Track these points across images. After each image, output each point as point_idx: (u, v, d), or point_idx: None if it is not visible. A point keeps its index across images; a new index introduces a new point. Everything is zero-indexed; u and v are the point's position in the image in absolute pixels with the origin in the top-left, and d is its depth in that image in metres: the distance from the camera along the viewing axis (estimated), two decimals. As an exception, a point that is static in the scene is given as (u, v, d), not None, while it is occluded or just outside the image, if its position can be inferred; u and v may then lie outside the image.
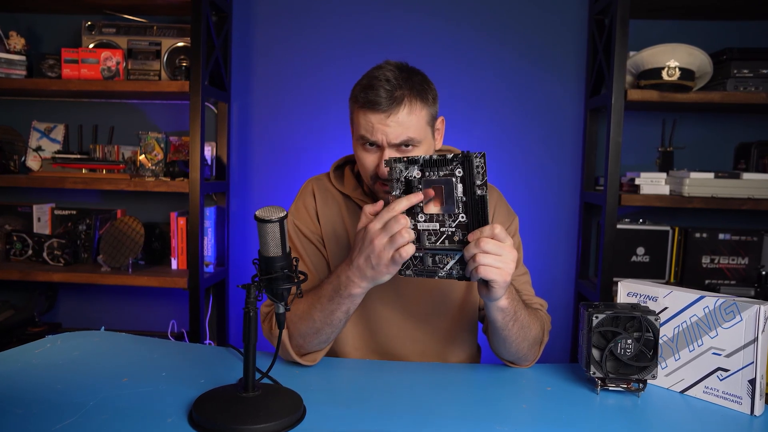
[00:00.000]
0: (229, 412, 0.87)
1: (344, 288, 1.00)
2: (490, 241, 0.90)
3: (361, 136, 1.09)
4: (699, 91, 2.05)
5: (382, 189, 1.11)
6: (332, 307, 1.03)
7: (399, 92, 1.05)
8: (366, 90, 1.06)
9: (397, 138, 1.06)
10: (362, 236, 0.96)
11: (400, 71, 1.08)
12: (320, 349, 1.11)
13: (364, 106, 1.07)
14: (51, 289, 2.47)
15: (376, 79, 1.06)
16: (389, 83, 1.05)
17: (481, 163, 0.90)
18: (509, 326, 1.04)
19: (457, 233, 0.94)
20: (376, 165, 1.09)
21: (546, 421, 0.94)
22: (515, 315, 1.03)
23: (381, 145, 1.07)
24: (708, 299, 1.02)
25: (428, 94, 1.10)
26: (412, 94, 1.07)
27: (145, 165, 2.20)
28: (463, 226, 0.94)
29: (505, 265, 0.91)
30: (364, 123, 1.08)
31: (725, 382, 1.00)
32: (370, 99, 1.05)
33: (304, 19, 2.37)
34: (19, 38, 2.22)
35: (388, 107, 1.05)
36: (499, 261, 0.90)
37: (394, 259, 0.93)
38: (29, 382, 1.00)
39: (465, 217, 0.93)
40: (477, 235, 0.91)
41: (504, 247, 0.91)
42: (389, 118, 1.05)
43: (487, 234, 0.90)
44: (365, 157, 1.11)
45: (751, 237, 2.14)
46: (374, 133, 1.07)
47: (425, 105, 1.09)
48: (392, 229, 0.93)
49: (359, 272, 0.98)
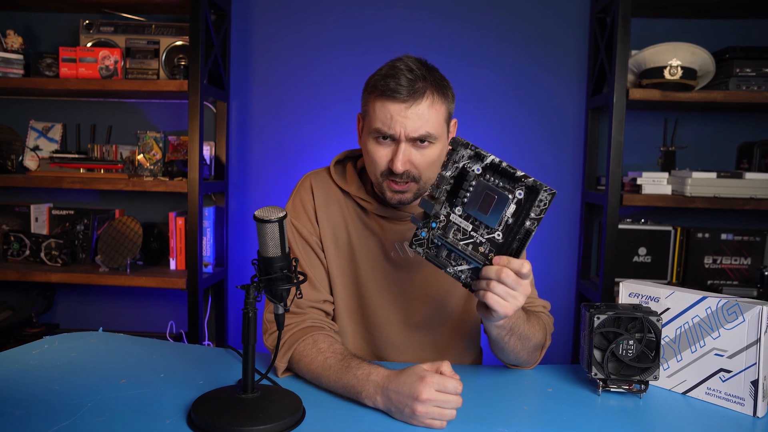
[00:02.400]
0: (228, 414, 0.86)
1: (360, 395, 0.95)
2: (512, 275, 0.88)
3: (376, 129, 1.05)
4: (701, 90, 2.05)
5: (392, 186, 1.07)
6: (338, 390, 0.99)
7: (421, 83, 1.02)
8: (386, 78, 1.02)
9: (415, 131, 1.03)
10: (415, 382, 0.89)
11: (421, 63, 1.06)
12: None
13: (384, 95, 1.02)
14: (48, 289, 2.46)
15: (397, 68, 1.03)
16: (411, 72, 1.02)
17: (546, 199, 0.87)
18: (506, 339, 1.03)
19: (485, 246, 0.92)
20: (389, 160, 1.05)
21: (547, 422, 0.93)
22: (512, 330, 1.01)
23: (398, 138, 1.03)
24: (710, 300, 1.02)
25: (448, 91, 1.08)
26: (435, 88, 1.04)
27: (143, 165, 2.19)
28: (495, 244, 0.91)
29: (514, 302, 0.89)
30: (381, 114, 1.03)
31: (728, 383, 0.99)
32: (391, 87, 1.01)
33: (304, 18, 2.36)
34: (16, 37, 2.21)
35: (409, 97, 1.01)
36: (510, 296, 0.89)
37: (421, 421, 0.89)
38: (27, 383, 1.00)
39: (501, 237, 0.90)
40: (503, 263, 0.88)
41: (521, 285, 0.89)
42: (410, 109, 1.02)
43: (514, 267, 0.88)
44: (377, 151, 1.06)
45: (754, 237, 2.14)
46: (392, 125, 1.02)
47: (445, 101, 1.07)
48: (443, 406, 0.88)
49: (385, 401, 0.92)
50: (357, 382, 0.95)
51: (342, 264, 1.17)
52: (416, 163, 1.06)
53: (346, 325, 1.19)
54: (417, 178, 1.07)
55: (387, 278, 1.17)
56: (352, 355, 1.02)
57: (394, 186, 1.07)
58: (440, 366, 0.91)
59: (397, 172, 1.04)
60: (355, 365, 0.97)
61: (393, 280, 1.17)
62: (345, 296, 1.18)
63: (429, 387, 0.87)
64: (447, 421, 0.89)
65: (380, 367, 0.96)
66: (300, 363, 1.04)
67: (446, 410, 0.88)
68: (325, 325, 1.12)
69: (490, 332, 1.01)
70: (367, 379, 0.94)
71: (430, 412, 0.87)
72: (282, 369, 1.07)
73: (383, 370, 0.95)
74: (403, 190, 1.07)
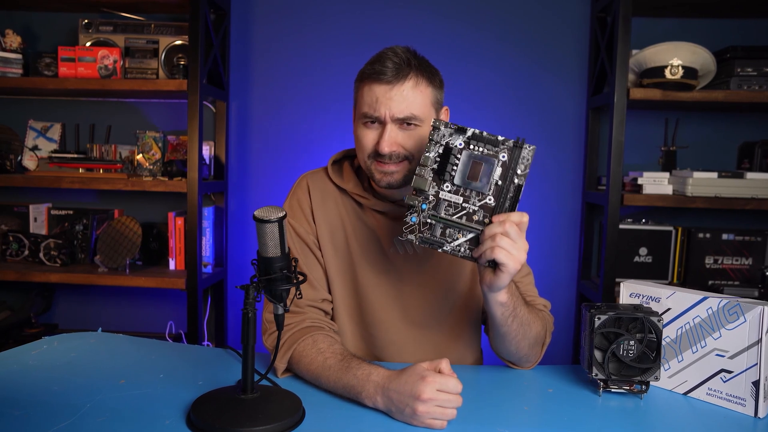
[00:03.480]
0: (227, 415, 0.86)
1: (360, 396, 0.95)
2: (515, 226, 0.92)
3: (363, 114, 1.07)
4: (702, 89, 2.04)
5: (379, 168, 1.08)
6: (338, 390, 0.99)
7: (406, 67, 1.05)
8: (373, 63, 1.06)
9: (400, 112, 1.05)
10: (416, 381, 0.89)
11: (409, 51, 1.09)
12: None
13: (370, 77, 1.06)
14: (47, 289, 2.46)
15: (384, 54, 1.07)
16: (397, 56, 1.05)
17: (529, 155, 0.93)
18: (509, 322, 1.03)
19: (478, 213, 0.95)
20: (376, 143, 1.07)
21: (547, 423, 0.93)
22: (515, 311, 1.02)
23: (383, 120, 1.05)
24: (711, 300, 1.02)
25: (435, 77, 1.10)
26: (419, 71, 1.06)
27: (142, 164, 2.19)
28: (488, 208, 0.95)
29: (519, 253, 0.92)
30: (368, 98, 1.06)
31: (729, 383, 0.99)
32: (377, 70, 1.04)
33: (304, 17, 2.36)
34: (15, 36, 2.20)
35: (394, 78, 1.04)
36: (515, 248, 0.91)
37: (421, 421, 0.89)
38: (26, 383, 1.00)
39: (492, 200, 0.94)
40: (504, 217, 0.92)
41: (522, 237, 0.93)
42: (393, 89, 1.04)
43: (514, 219, 0.92)
44: (365, 134, 1.08)
45: (755, 237, 2.13)
46: (378, 107, 1.05)
47: (431, 85, 1.08)
48: (445, 406, 0.88)
49: (385, 401, 0.92)
50: (357, 382, 0.95)
51: (340, 263, 1.17)
52: (405, 145, 1.07)
53: (344, 323, 1.19)
54: (409, 158, 1.08)
55: (385, 276, 1.17)
56: (351, 356, 1.02)
57: (381, 167, 1.08)
58: (439, 364, 0.92)
59: (383, 153, 1.06)
60: (355, 365, 0.97)
61: (391, 278, 1.17)
62: (343, 295, 1.18)
63: (430, 386, 0.87)
64: (447, 421, 0.89)
65: (380, 367, 0.96)
66: (300, 363, 1.04)
67: (447, 410, 0.88)
68: (324, 324, 1.12)
69: (494, 313, 1.01)
70: (367, 379, 0.94)
71: (431, 411, 0.87)
72: (281, 369, 1.07)
73: (383, 370, 0.95)
74: (391, 171, 1.08)
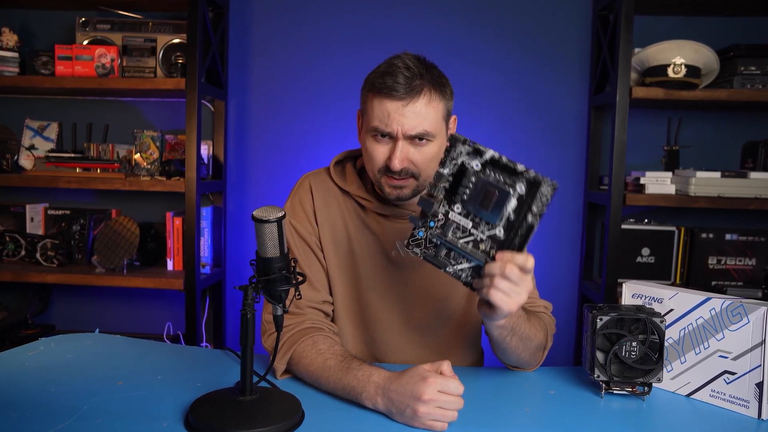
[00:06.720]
0: (226, 416, 0.86)
1: (361, 397, 0.94)
2: (516, 270, 0.86)
3: (374, 127, 1.05)
4: (705, 88, 2.04)
5: (389, 182, 1.07)
6: (338, 392, 0.98)
7: (419, 81, 1.02)
8: (384, 76, 1.02)
9: (413, 129, 1.03)
10: (417, 382, 0.88)
11: (419, 61, 1.06)
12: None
13: (381, 92, 1.02)
14: (44, 290, 2.45)
15: (395, 66, 1.03)
16: (409, 70, 1.02)
17: (548, 193, 0.85)
18: (507, 340, 1.02)
19: (486, 243, 0.89)
20: (387, 158, 1.05)
21: (549, 425, 0.93)
22: (513, 330, 1.01)
23: (395, 136, 1.03)
24: (714, 301, 1.02)
25: (446, 88, 1.08)
26: (432, 85, 1.04)
27: (140, 164, 2.18)
28: (496, 240, 0.89)
29: (518, 297, 0.88)
30: (379, 112, 1.03)
31: (732, 385, 0.99)
32: (388, 85, 1.01)
33: (303, 15, 2.35)
34: (11, 34, 2.19)
35: (407, 94, 1.01)
36: (514, 292, 0.87)
37: (422, 423, 0.88)
38: (22, 385, 1.00)
39: (502, 233, 0.88)
40: (507, 258, 0.86)
41: (524, 281, 0.87)
42: (407, 107, 1.02)
43: (518, 262, 0.86)
44: (376, 149, 1.06)
45: (759, 237, 2.12)
46: (389, 123, 1.03)
47: (443, 98, 1.06)
48: (446, 407, 0.87)
49: (386, 403, 0.91)
50: (357, 383, 0.94)
51: (341, 264, 1.16)
52: (414, 161, 1.06)
53: (345, 325, 1.18)
54: (416, 175, 1.07)
55: (387, 278, 1.16)
56: (352, 357, 1.01)
57: (392, 181, 1.07)
58: (440, 366, 0.91)
59: (395, 170, 1.04)
60: (355, 366, 0.97)
61: (393, 280, 1.16)
62: (344, 297, 1.17)
63: (431, 387, 0.87)
64: (448, 423, 0.88)
65: (381, 368, 0.96)
66: (299, 364, 1.04)
67: (448, 411, 0.88)
68: (324, 326, 1.11)
69: (491, 333, 1.01)
70: (368, 381, 0.93)
71: (432, 412, 0.87)
72: (281, 371, 1.06)
73: (384, 371, 0.94)
74: (402, 185, 1.07)
